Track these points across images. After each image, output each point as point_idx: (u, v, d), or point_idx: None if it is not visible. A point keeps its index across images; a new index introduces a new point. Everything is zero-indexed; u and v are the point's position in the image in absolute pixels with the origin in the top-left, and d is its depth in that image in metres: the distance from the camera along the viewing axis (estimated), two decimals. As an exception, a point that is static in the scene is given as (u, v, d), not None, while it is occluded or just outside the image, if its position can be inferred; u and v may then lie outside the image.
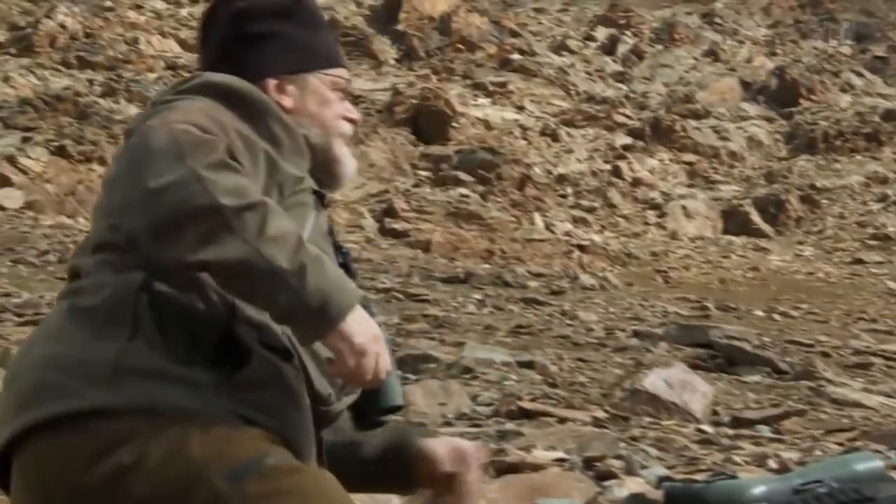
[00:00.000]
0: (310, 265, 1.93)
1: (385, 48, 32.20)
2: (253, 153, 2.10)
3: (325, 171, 2.33)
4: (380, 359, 2.03)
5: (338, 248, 2.31)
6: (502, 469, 4.73)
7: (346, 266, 2.24)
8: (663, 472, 5.01)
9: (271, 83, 2.32)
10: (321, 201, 2.28)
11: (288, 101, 2.32)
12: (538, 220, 24.52)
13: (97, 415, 1.92)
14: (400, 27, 32.71)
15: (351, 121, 2.41)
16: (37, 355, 2.03)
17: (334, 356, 2.01)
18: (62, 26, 28.76)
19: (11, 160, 21.55)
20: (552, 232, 24.21)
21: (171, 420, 1.93)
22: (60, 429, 1.94)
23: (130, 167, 1.95)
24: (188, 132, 1.96)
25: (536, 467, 4.72)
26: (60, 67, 27.46)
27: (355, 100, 27.43)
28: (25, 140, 22.55)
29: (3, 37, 29.05)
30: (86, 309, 2.03)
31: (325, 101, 2.37)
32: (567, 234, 24.31)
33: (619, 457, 5.22)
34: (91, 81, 26.18)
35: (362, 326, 1.99)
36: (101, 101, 24.71)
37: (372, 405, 2.23)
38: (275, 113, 2.22)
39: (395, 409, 2.25)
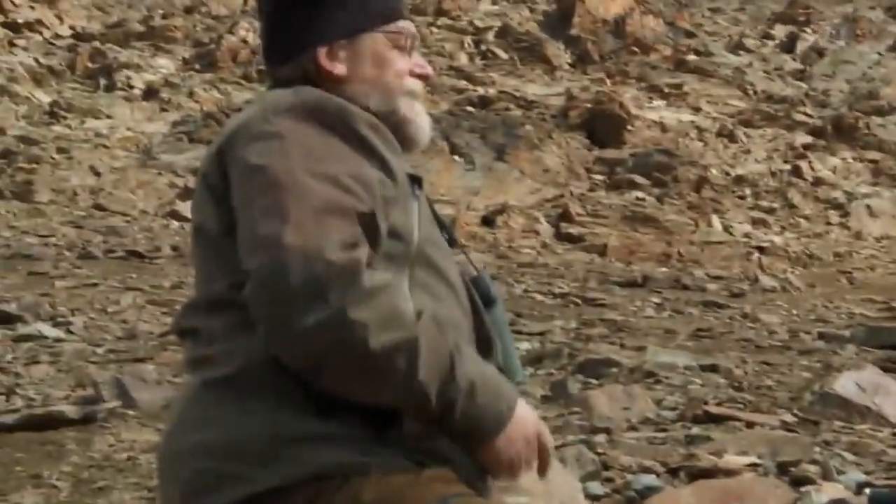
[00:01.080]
0: (458, 398, 1.87)
1: (559, 53, 32.15)
2: (374, 195, 1.95)
3: (397, 136, 2.09)
4: (544, 454, 2.01)
5: (442, 227, 2.16)
6: (695, 474, 4.68)
7: (451, 241, 2.16)
8: (862, 477, 4.87)
9: (322, 52, 2.10)
10: (418, 184, 2.07)
11: (340, 69, 2.11)
12: (716, 222, 24.11)
13: (271, 493, 1.86)
14: (573, 31, 32.61)
15: (421, 76, 2.18)
16: (191, 442, 1.95)
17: (489, 466, 1.97)
18: (244, 41, 29.61)
19: (196, 173, 22.33)
20: (731, 234, 23.79)
21: (342, 480, 1.86)
22: None
23: (270, 284, 1.82)
24: (336, 255, 1.83)
25: (730, 472, 4.64)
26: (242, 81, 28.28)
27: (529, 105, 27.52)
28: (210, 152, 23.32)
29: (187, 53, 30.08)
30: (223, 381, 1.94)
31: (382, 62, 2.13)
32: (746, 235, 23.86)
33: (814, 462, 5.09)
34: (276, 94, 26.88)
35: (515, 439, 1.95)
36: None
37: None
38: (365, 121, 2.03)
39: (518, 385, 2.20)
